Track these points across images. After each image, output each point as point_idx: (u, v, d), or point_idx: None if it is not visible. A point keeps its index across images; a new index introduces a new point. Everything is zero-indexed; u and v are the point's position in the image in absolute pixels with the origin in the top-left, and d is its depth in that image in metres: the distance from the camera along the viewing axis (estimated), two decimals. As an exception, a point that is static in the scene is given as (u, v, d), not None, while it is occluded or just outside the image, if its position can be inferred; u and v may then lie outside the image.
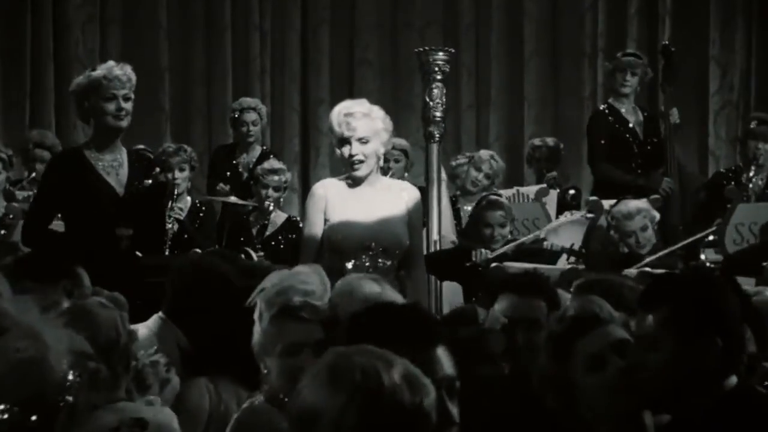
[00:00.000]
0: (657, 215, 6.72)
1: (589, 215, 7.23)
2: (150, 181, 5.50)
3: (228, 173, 8.33)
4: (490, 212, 6.84)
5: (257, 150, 8.43)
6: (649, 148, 7.96)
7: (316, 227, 5.24)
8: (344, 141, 5.18)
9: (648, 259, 6.33)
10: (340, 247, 5.17)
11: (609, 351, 3.02)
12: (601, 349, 3.02)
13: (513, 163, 9.91)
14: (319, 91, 10.45)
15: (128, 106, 5.48)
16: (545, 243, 6.76)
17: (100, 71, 5.47)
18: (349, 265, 5.15)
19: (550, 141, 9.01)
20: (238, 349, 3.51)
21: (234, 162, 8.39)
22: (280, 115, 10.34)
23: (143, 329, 3.98)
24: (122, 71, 5.48)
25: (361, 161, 5.16)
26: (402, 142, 7.96)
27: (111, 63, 5.55)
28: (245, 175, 8.18)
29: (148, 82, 9.88)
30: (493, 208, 6.86)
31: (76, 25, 10.10)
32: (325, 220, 5.23)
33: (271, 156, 8.22)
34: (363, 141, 5.17)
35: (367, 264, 5.14)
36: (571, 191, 8.23)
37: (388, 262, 5.19)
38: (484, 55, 10.37)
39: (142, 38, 10.30)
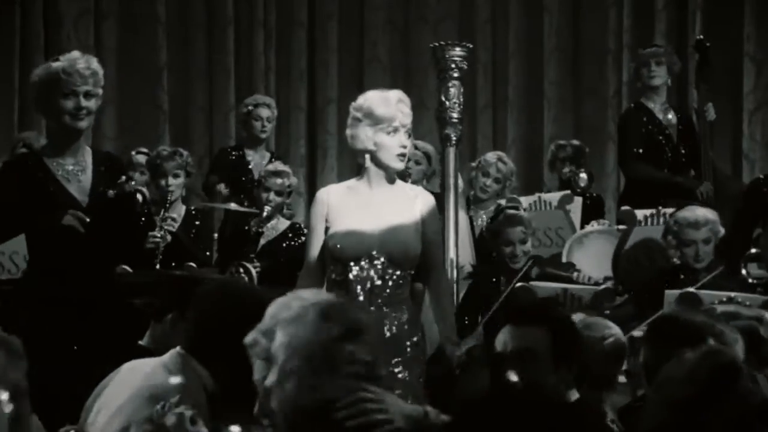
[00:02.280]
0: (722, 230, 6.15)
1: (620, 226, 6.69)
2: (114, 192, 4.93)
3: (243, 178, 7.91)
4: (510, 229, 6.31)
5: (265, 154, 8.09)
6: (683, 151, 7.52)
7: (318, 235, 4.82)
8: (393, 129, 4.72)
9: (704, 280, 5.75)
10: (339, 255, 4.73)
11: (755, 417, 2.43)
12: (745, 415, 2.42)
13: (532, 167, 9.58)
14: (326, 90, 10.12)
15: (90, 104, 4.90)
16: (574, 274, 6.20)
17: (60, 63, 4.91)
18: (351, 276, 4.71)
19: (575, 142, 8.48)
20: None
21: (244, 164, 7.98)
22: (285, 115, 9.95)
23: (160, 370, 3.32)
24: (85, 64, 4.91)
25: (405, 155, 4.77)
26: (427, 146, 7.45)
27: (75, 54, 4.99)
28: (256, 177, 7.70)
29: (146, 80, 9.84)
30: (512, 224, 6.33)
31: (68, 19, 9.73)
32: (327, 228, 4.79)
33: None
34: (408, 134, 4.79)
35: (372, 274, 4.70)
36: (582, 174, 7.65)
37: (398, 272, 4.72)
38: (502, 52, 10.00)
39: (139, 34, 9.95)
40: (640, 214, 6.69)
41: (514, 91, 9.93)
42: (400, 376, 4.59)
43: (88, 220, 4.80)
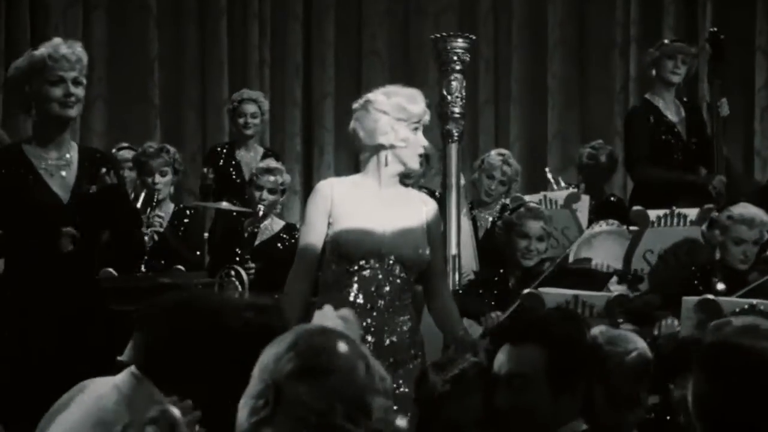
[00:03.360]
0: (767, 236, 5.84)
1: (632, 228, 6.38)
2: (96, 186, 4.64)
3: (234, 176, 7.74)
4: (530, 221, 5.93)
5: (259, 150, 7.92)
6: (693, 148, 7.25)
7: (317, 231, 4.49)
8: (416, 127, 4.55)
9: (755, 283, 5.45)
10: (348, 254, 4.43)
11: None
12: None
13: (536, 165, 9.37)
14: (323, 84, 9.97)
15: (79, 91, 4.64)
16: (593, 262, 5.90)
17: (43, 50, 4.65)
18: (357, 276, 4.43)
19: (609, 149, 8.11)
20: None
21: (233, 162, 7.82)
22: (280, 110, 9.85)
23: (111, 392, 3.00)
24: (71, 50, 4.65)
25: (423, 155, 4.59)
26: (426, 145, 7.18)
27: (57, 40, 4.72)
28: (248, 176, 7.52)
29: (137, 73, 9.66)
30: (533, 218, 5.96)
31: (55, 10, 9.53)
32: (329, 224, 4.48)
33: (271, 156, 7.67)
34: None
35: (380, 276, 4.44)
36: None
37: (404, 276, 4.47)
38: (504, 45, 9.87)
39: (129, 25, 9.76)
40: (652, 214, 6.39)
41: (517, 86, 9.79)
42: (398, 391, 4.31)
43: (79, 236, 4.57)
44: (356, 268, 4.42)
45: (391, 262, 4.43)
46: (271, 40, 9.91)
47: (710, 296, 5.04)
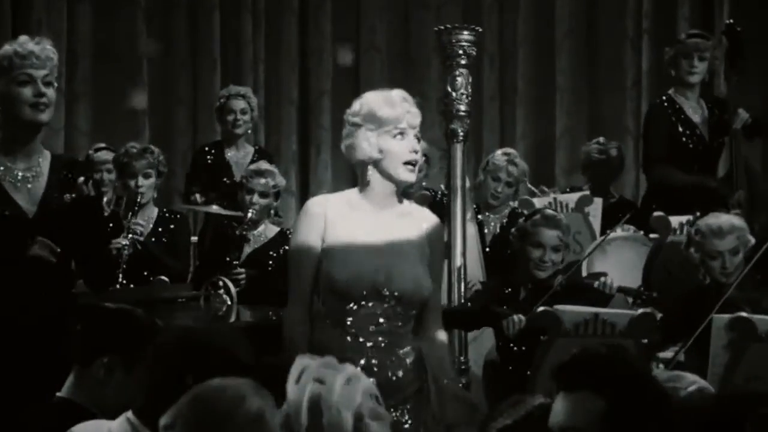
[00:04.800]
0: (752, 240, 5.47)
1: (653, 235, 6.03)
2: (71, 195, 4.33)
3: (223, 178, 7.51)
4: (545, 230, 5.62)
5: (249, 149, 7.70)
6: (715, 150, 6.97)
7: (311, 256, 4.09)
8: (399, 132, 4.11)
9: (728, 292, 5.08)
10: (343, 290, 4.06)
11: None
12: None
13: (543, 165, 9.28)
14: (320, 81, 9.76)
15: (50, 93, 4.34)
16: (595, 282, 5.53)
17: (8, 47, 4.35)
18: (351, 318, 4.07)
19: (616, 146, 7.90)
20: None
21: (223, 162, 7.59)
22: (276, 108, 9.68)
23: None
24: (39, 46, 4.36)
25: (416, 163, 4.16)
26: (424, 145, 6.90)
27: (24, 37, 4.43)
28: (237, 177, 7.29)
29: (125, 70, 9.47)
30: (548, 226, 5.64)
31: (39, 3, 9.28)
32: (323, 250, 4.09)
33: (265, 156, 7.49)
34: (418, 138, 4.17)
35: (379, 313, 4.07)
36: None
37: (403, 311, 4.10)
38: (509, 39, 9.70)
39: (116, 20, 9.51)
40: (674, 221, 6.10)
41: (523, 82, 9.64)
42: (405, 426, 4.01)
43: (59, 250, 4.28)
44: (353, 305, 4.06)
45: (390, 300, 4.08)
46: (265, 34, 9.71)
47: (743, 314, 4.65)
